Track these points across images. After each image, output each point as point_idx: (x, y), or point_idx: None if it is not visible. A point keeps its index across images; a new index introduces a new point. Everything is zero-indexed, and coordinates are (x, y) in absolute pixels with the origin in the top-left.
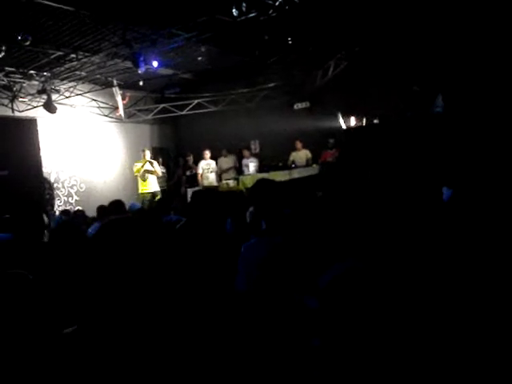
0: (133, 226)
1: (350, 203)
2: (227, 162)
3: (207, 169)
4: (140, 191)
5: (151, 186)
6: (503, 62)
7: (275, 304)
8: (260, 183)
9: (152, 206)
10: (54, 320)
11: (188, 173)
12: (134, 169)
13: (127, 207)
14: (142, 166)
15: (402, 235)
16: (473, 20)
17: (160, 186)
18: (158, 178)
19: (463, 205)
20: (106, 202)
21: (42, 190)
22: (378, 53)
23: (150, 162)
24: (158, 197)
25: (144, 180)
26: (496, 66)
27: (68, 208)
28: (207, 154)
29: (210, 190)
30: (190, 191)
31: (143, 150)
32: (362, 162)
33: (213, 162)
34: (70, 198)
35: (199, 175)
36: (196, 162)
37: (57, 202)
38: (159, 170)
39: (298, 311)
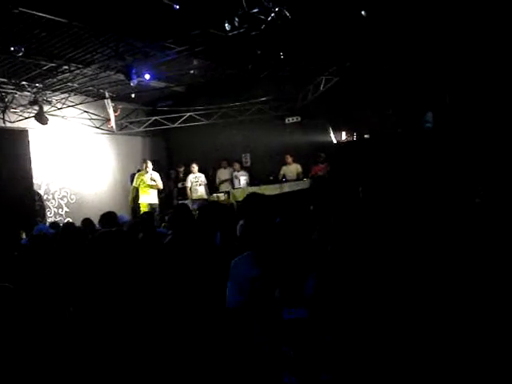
0: (122, 240)
1: (342, 217)
2: (225, 173)
3: (196, 182)
4: (140, 202)
5: (151, 197)
6: (491, 80)
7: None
8: (250, 197)
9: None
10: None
11: (180, 185)
12: (137, 181)
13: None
14: (142, 179)
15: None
16: (462, 39)
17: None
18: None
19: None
20: (96, 214)
21: (32, 202)
22: (368, 68)
23: (151, 174)
24: (157, 209)
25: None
26: (485, 84)
27: (58, 220)
28: (194, 167)
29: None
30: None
31: (144, 161)
32: (352, 176)
33: (201, 176)
34: (60, 210)
35: (188, 188)
36: (188, 175)
37: (47, 214)
38: (161, 183)
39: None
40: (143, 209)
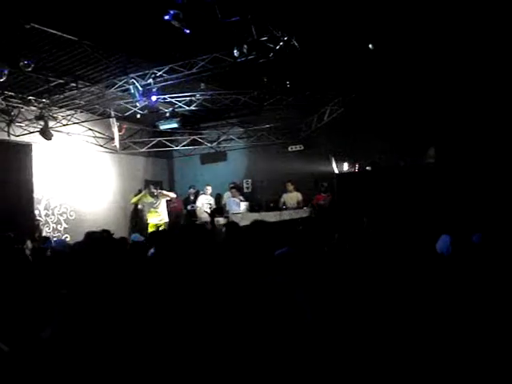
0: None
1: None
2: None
3: (207, 203)
4: (148, 222)
5: (160, 217)
6: (493, 117)
7: None
8: (255, 225)
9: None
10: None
11: (189, 207)
12: (137, 199)
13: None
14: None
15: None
16: (466, 75)
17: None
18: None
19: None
20: None
21: (33, 216)
22: (373, 101)
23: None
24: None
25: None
26: (487, 120)
27: (56, 235)
28: (209, 189)
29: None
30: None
31: (147, 185)
32: (355, 207)
33: (212, 199)
34: (58, 226)
35: (198, 209)
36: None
37: (45, 229)
38: (172, 193)
39: None
40: (150, 229)
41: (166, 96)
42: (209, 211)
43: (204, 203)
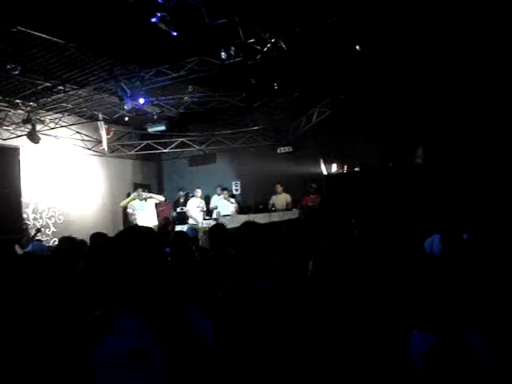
0: None
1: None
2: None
3: (197, 207)
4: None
5: (148, 221)
6: (482, 117)
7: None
8: (246, 226)
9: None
10: None
11: (179, 209)
12: (126, 202)
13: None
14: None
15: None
16: (454, 77)
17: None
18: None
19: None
20: (83, 235)
21: (21, 220)
22: (361, 103)
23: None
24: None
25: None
26: (475, 121)
27: (45, 239)
28: (198, 192)
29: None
30: (180, 228)
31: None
32: (343, 208)
33: (203, 201)
34: (47, 230)
35: (189, 212)
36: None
37: (33, 233)
38: (159, 195)
39: None
40: None
41: (153, 99)
42: (200, 214)
43: (195, 206)
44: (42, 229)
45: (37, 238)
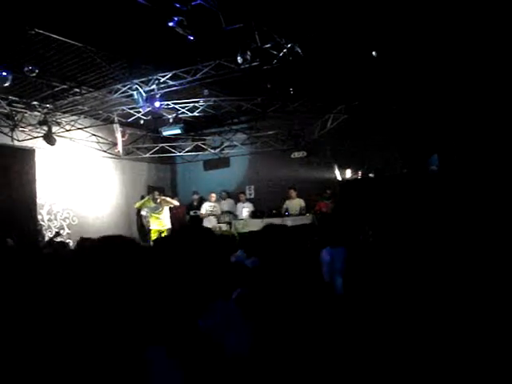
0: None
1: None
2: (226, 204)
3: (211, 211)
4: (151, 228)
5: (161, 223)
6: (497, 124)
7: None
8: (268, 228)
9: None
10: None
11: (192, 213)
12: (140, 204)
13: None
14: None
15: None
16: (470, 84)
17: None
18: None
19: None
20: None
21: (35, 220)
22: (376, 109)
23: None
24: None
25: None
26: (490, 127)
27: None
28: (213, 196)
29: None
30: None
31: (152, 191)
32: (358, 214)
33: (217, 205)
34: (61, 231)
35: (201, 215)
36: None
37: (48, 234)
38: (174, 201)
39: None
40: (153, 235)
41: (169, 102)
42: (213, 218)
43: (208, 210)
44: (61, 231)
45: (57, 240)
